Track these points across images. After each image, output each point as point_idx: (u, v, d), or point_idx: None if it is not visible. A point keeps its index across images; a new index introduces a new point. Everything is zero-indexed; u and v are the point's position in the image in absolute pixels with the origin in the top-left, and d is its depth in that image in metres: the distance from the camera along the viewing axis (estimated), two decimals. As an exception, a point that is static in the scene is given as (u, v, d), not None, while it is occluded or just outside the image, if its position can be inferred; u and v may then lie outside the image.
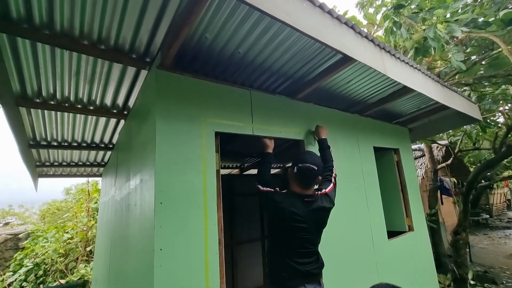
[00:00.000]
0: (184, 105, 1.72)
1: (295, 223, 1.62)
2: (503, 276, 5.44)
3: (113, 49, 1.71)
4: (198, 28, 1.56)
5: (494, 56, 4.33)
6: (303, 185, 1.69)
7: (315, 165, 1.66)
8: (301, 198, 1.67)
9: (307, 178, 1.67)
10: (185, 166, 1.62)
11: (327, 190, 1.79)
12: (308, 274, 1.63)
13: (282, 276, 1.65)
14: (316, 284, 1.66)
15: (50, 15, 1.41)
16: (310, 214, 1.65)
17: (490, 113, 4.65)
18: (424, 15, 3.06)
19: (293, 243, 1.65)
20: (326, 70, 2.05)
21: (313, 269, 1.66)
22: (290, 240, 1.65)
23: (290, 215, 1.62)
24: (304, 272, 1.62)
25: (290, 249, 1.65)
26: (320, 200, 1.72)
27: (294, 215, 1.62)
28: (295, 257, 1.64)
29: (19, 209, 20.70)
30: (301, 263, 1.63)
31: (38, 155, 3.64)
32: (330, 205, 1.75)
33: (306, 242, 1.66)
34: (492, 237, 9.27)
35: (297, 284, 1.61)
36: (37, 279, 6.00)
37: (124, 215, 2.29)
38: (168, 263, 1.43)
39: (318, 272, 1.69)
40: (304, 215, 1.63)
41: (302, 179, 1.68)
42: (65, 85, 2.05)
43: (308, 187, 1.71)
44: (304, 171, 1.66)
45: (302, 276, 1.62)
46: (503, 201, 15.06)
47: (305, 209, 1.65)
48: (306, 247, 1.66)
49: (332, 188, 1.85)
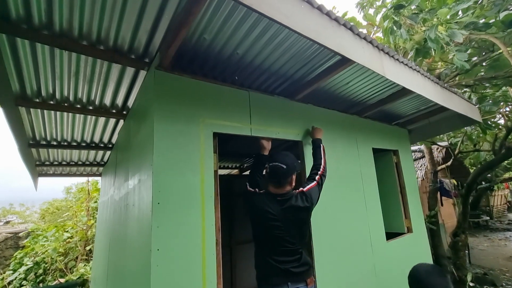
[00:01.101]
0: (182, 105, 1.73)
1: (270, 222, 1.67)
2: (502, 278, 5.42)
3: (112, 49, 1.71)
4: (197, 29, 1.56)
5: (495, 58, 4.32)
6: (274, 183, 1.75)
7: (284, 164, 1.71)
8: (275, 198, 1.72)
9: (276, 176, 1.72)
10: (183, 166, 1.62)
11: (306, 188, 1.80)
12: (289, 272, 1.64)
13: (265, 274, 1.70)
14: (301, 283, 1.65)
15: (49, 16, 1.42)
16: (283, 212, 1.68)
17: (490, 115, 4.64)
18: (424, 15, 3.05)
19: (271, 242, 1.69)
20: (325, 71, 2.05)
21: (293, 268, 1.65)
22: (268, 239, 1.70)
23: (265, 214, 1.68)
24: (284, 270, 1.63)
25: (269, 248, 1.70)
26: (294, 199, 1.72)
27: (268, 214, 1.68)
28: (274, 255, 1.67)
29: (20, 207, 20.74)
30: (281, 261, 1.65)
31: (38, 155, 3.65)
32: (306, 204, 1.72)
33: (284, 241, 1.67)
34: (492, 239, 9.24)
35: (279, 282, 1.63)
36: (37, 277, 6.02)
37: (123, 215, 2.29)
38: (165, 263, 1.44)
39: (301, 271, 1.67)
40: (278, 214, 1.68)
41: (271, 177, 1.74)
42: (65, 85, 2.06)
43: (279, 186, 1.74)
44: (272, 169, 1.72)
45: (283, 274, 1.64)
46: (503, 203, 15.01)
47: (279, 208, 1.69)
48: (285, 245, 1.67)
49: (313, 186, 1.85)
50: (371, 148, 2.99)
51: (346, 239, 2.39)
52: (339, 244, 2.32)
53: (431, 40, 2.73)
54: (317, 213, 2.23)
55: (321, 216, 2.25)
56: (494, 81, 4.60)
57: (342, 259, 2.30)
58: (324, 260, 2.16)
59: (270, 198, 1.75)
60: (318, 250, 2.14)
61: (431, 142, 5.98)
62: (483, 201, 13.30)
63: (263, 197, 1.78)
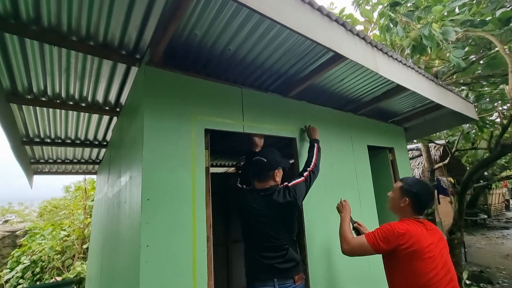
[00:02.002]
0: (173, 102, 1.71)
1: (256, 218, 1.68)
2: (499, 276, 5.44)
3: (102, 45, 1.70)
4: (187, 24, 1.55)
5: (492, 56, 4.32)
6: (256, 178, 1.78)
7: (264, 158, 1.73)
8: (259, 193, 1.74)
9: (257, 169, 1.75)
10: (173, 163, 1.62)
11: (291, 183, 1.80)
12: (274, 268, 1.62)
13: (252, 271, 1.70)
14: (288, 280, 1.63)
15: (37, 11, 1.40)
16: (267, 208, 1.69)
17: (487, 113, 4.64)
18: (420, 13, 3.04)
19: (257, 237, 1.70)
20: (319, 67, 2.04)
21: (278, 264, 1.63)
22: (254, 235, 1.71)
23: (250, 210, 1.70)
24: (269, 266, 1.63)
25: (256, 244, 1.71)
26: (276, 193, 1.72)
27: (253, 209, 1.69)
28: (261, 251, 1.67)
29: (18, 206, 20.68)
30: (267, 257, 1.65)
31: (32, 152, 3.63)
32: (288, 199, 1.70)
33: (269, 237, 1.66)
34: (489, 237, 9.27)
35: (265, 278, 1.62)
36: (34, 276, 6.01)
37: (116, 212, 2.28)
38: (155, 260, 1.43)
39: (287, 267, 1.65)
40: (263, 209, 1.69)
41: (254, 170, 1.77)
42: (56, 82, 2.04)
43: (261, 180, 1.76)
44: (254, 163, 1.75)
45: (269, 270, 1.63)
46: (501, 201, 15.07)
47: (263, 203, 1.70)
48: (270, 241, 1.66)
49: (299, 182, 1.84)
50: (366, 145, 2.99)
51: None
52: (333, 241, 2.32)
53: (425, 38, 2.72)
54: (311, 210, 2.22)
55: (314, 213, 2.24)
56: (491, 79, 4.60)
57: (335, 256, 2.29)
58: (318, 257, 2.16)
59: (255, 193, 1.75)
60: (311, 247, 2.13)
61: (428, 140, 5.98)
62: (481, 200, 13.35)
63: (248, 193, 1.79)
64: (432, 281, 1.36)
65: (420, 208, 1.55)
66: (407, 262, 1.41)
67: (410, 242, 1.40)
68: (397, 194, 1.62)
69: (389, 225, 1.50)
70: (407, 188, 1.57)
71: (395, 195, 1.64)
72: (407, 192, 1.56)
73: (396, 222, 1.53)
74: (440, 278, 1.37)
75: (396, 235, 1.42)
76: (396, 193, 1.64)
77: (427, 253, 1.39)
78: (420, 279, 1.37)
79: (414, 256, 1.39)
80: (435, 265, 1.38)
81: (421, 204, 1.54)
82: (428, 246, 1.41)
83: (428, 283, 1.36)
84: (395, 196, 1.64)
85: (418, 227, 1.47)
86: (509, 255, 6.93)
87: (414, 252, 1.39)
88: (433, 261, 1.39)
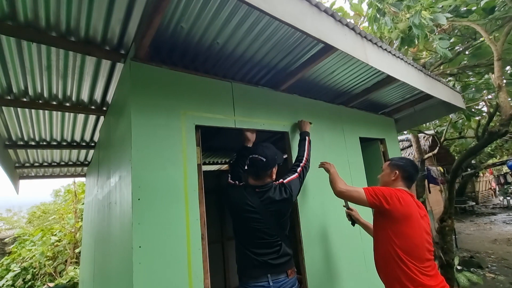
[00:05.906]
0: (162, 98, 1.66)
1: (249, 214, 1.66)
2: (488, 260, 5.62)
3: (84, 41, 1.62)
4: (173, 17, 1.50)
5: (477, 46, 4.40)
6: (253, 176, 1.74)
7: (263, 157, 1.69)
8: (254, 189, 1.71)
9: (255, 169, 1.71)
10: (164, 161, 1.57)
11: (286, 180, 1.80)
12: (268, 265, 1.62)
13: (244, 267, 1.68)
14: (281, 274, 1.63)
15: (11, 5, 1.32)
16: (262, 204, 1.67)
17: (474, 102, 4.74)
18: (408, 2, 3.05)
19: (249, 234, 1.68)
20: (309, 60, 2.02)
21: (272, 260, 1.63)
22: (246, 231, 1.69)
23: (243, 206, 1.67)
24: (263, 262, 1.62)
25: (248, 240, 1.68)
26: (272, 191, 1.70)
27: (246, 206, 1.66)
28: (253, 248, 1.66)
29: (6, 213, 20.10)
30: (259, 253, 1.64)
31: (17, 156, 3.50)
32: (284, 196, 1.70)
33: (262, 233, 1.65)
34: (478, 223, 9.57)
35: (259, 275, 1.61)
36: (25, 283, 5.85)
37: (106, 214, 2.22)
38: (148, 261, 1.39)
39: (280, 262, 1.65)
40: (257, 206, 1.66)
41: (251, 170, 1.73)
42: (37, 81, 1.96)
43: (258, 178, 1.73)
44: (252, 162, 1.71)
45: (263, 267, 1.62)
46: (488, 188, 15.55)
47: (257, 200, 1.68)
48: (263, 238, 1.65)
49: (294, 178, 1.83)
50: (358, 137, 3.00)
51: (335, 229, 2.39)
52: (328, 234, 2.32)
53: (415, 26, 2.72)
54: (305, 203, 2.22)
55: (309, 207, 2.24)
56: (477, 69, 4.69)
57: (331, 249, 2.30)
58: (313, 251, 2.16)
59: (249, 190, 1.72)
60: (306, 240, 2.13)
61: (417, 131, 6.08)
62: (469, 187, 13.74)
63: (242, 189, 1.75)
64: (416, 244, 1.50)
65: (409, 179, 1.71)
66: (399, 224, 1.53)
67: (405, 208, 1.52)
68: (387, 170, 1.79)
69: (387, 189, 1.61)
70: (395, 163, 1.76)
71: (385, 172, 1.80)
72: (396, 166, 1.74)
73: (393, 188, 1.64)
74: (422, 245, 1.51)
75: (397, 197, 1.54)
76: (386, 170, 1.80)
77: (416, 222, 1.53)
78: (406, 241, 1.50)
79: (405, 220, 1.52)
80: (420, 233, 1.52)
81: (409, 174, 1.71)
82: (417, 215, 1.56)
83: (413, 245, 1.49)
84: (385, 173, 1.79)
85: (411, 197, 1.61)
86: (496, 240, 7.17)
87: (408, 216, 1.52)
88: (419, 228, 1.53)
